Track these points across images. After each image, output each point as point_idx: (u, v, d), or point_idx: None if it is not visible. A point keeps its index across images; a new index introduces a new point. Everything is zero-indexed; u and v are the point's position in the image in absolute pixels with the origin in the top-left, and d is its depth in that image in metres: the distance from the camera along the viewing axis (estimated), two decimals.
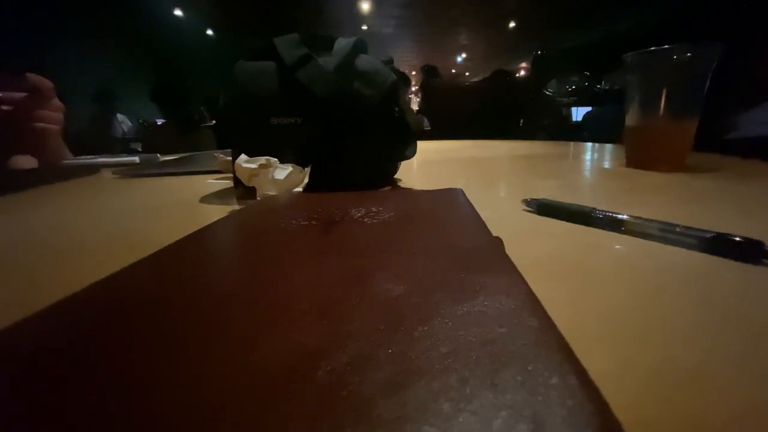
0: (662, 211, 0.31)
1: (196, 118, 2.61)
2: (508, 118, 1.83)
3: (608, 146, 0.80)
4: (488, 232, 0.19)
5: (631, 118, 0.52)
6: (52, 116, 0.69)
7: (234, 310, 0.12)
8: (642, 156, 0.51)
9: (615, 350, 0.14)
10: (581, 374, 0.08)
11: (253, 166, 0.36)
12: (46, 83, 0.68)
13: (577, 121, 1.93)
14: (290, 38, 0.43)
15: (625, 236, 0.25)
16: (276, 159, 0.37)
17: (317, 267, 0.15)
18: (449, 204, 0.25)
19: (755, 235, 0.22)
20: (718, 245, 0.21)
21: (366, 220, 0.22)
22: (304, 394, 0.08)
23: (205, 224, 0.29)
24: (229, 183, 0.53)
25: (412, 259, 0.15)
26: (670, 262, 0.21)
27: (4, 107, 0.63)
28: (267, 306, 0.12)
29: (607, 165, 0.59)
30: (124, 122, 3.24)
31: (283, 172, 0.36)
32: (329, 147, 0.40)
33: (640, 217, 0.25)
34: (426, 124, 2.82)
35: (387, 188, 0.43)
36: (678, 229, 0.23)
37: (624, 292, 0.18)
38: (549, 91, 1.36)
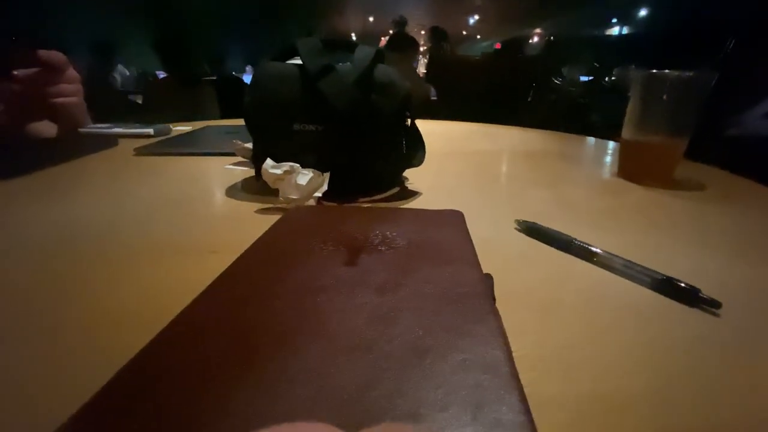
0: (636, 238, 0.36)
1: (199, 74, 2.56)
2: (517, 95, 1.82)
3: (606, 145, 0.83)
4: (481, 272, 0.24)
5: (627, 132, 0.56)
6: (69, 88, 0.71)
7: (282, 350, 0.17)
8: (633, 169, 0.55)
9: (559, 379, 0.19)
10: None
11: (279, 172, 0.40)
12: (59, 56, 0.69)
13: (584, 101, 1.93)
14: (312, 43, 0.45)
15: (595, 267, 0.30)
16: (298, 165, 0.41)
17: (347, 303, 0.20)
18: (450, 233, 0.30)
19: (711, 273, 0.27)
20: (667, 287, 0.26)
21: (383, 249, 0.27)
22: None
23: (237, 226, 0.34)
24: (247, 170, 0.57)
25: (417, 302, 0.20)
26: (626, 298, 0.26)
27: (20, 86, 0.65)
28: (311, 343, 0.17)
29: (599, 172, 0.63)
30: (122, 72, 3.16)
31: (304, 177, 0.41)
32: (347, 154, 0.44)
33: (609, 252, 0.30)
34: (433, 94, 2.78)
35: (396, 190, 0.48)
36: (637, 268, 0.28)
37: (581, 326, 0.23)
38: (558, 80, 1.36)
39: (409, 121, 0.48)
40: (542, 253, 0.32)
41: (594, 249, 0.30)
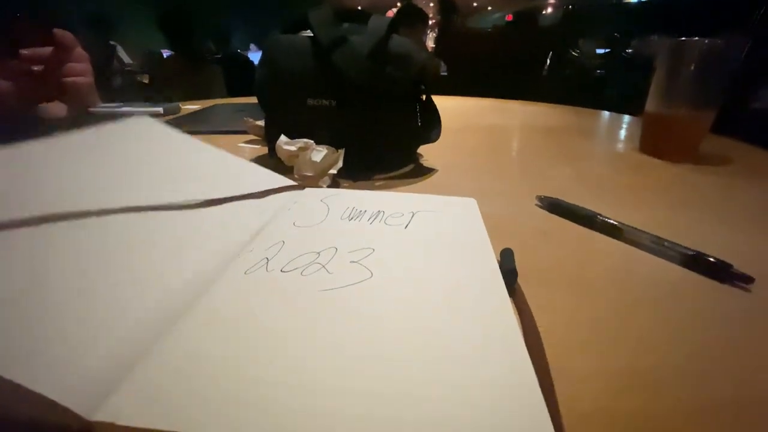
0: (662, 215, 0.35)
1: (204, 52, 2.52)
2: (531, 68, 1.76)
3: (626, 120, 0.80)
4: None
5: (651, 104, 0.54)
6: (79, 68, 0.70)
7: None
8: (656, 144, 0.53)
9: (591, 355, 0.19)
10: None
11: (293, 148, 0.40)
12: (67, 35, 0.68)
13: (601, 74, 1.84)
14: (324, 14, 0.43)
15: (621, 244, 0.29)
16: (313, 141, 0.41)
17: None
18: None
19: (741, 249, 0.26)
20: (696, 263, 0.25)
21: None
22: None
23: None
24: (259, 147, 0.57)
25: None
26: (655, 275, 0.25)
27: (29, 65, 0.64)
28: None
29: (620, 147, 0.61)
30: (121, 53, 3.11)
31: (319, 154, 0.40)
32: (361, 130, 0.42)
33: (635, 228, 0.29)
34: (443, 69, 2.70)
35: (411, 167, 0.47)
36: (666, 244, 0.27)
37: (608, 303, 0.23)
38: (575, 52, 1.28)
39: (424, 94, 0.47)
40: (566, 230, 0.31)
41: (620, 224, 0.29)
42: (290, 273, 0.22)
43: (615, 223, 0.30)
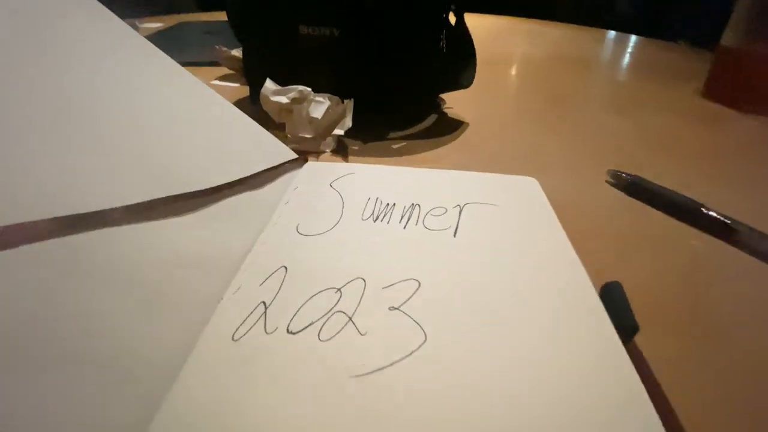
0: (755, 193, 0.27)
1: None
2: None
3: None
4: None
5: (729, 37, 0.43)
6: None
7: None
8: (731, 89, 0.44)
9: None
10: None
11: (285, 99, 0.30)
12: None
13: None
14: None
15: (735, 251, 0.22)
16: (310, 89, 0.30)
17: None
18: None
19: None
20: None
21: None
22: None
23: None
24: (239, 86, 0.45)
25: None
26: None
27: None
28: None
29: (679, 90, 0.51)
30: None
31: (319, 107, 0.30)
32: (375, 71, 0.32)
33: (756, 230, 0.21)
34: None
35: (433, 120, 0.37)
36: None
37: (749, 355, 0.16)
38: None
39: (453, 18, 0.35)
40: (657, 224, 0.24)
41: (734, 224, 0.22)
42: (302, 334, 0.14)
43: (728, 221, 0.22)
